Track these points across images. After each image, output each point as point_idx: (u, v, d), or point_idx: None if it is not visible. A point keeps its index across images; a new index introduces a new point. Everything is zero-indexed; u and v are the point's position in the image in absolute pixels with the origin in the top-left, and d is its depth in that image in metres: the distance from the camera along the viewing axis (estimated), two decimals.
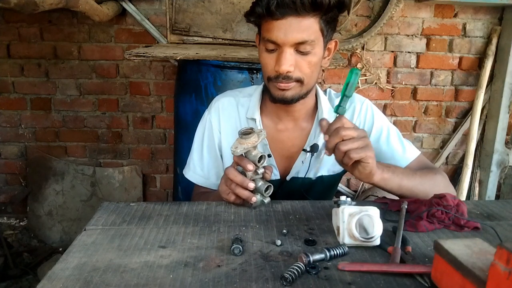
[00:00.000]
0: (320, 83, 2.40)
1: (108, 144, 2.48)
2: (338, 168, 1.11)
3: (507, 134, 2.43)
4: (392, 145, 1.08)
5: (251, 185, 0.87)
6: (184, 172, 1.15)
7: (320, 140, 1.06)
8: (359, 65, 2.38)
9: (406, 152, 1.07)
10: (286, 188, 1.10)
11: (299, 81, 0.94)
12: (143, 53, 1.62)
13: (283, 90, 0.95)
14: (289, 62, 0.90)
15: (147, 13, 2.24)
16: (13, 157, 2.49)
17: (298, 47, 0.90)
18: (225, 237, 0.79)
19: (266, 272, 0.66)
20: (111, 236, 0.79)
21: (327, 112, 1.06)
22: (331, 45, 1.00)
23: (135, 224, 0.84)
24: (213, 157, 1.12)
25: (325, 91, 1.14)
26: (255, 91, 1.10)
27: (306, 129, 1.08)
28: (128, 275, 0.66)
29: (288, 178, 1.10)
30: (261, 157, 0.88)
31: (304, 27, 0.88)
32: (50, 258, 2.24)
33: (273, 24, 0.89)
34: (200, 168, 1.13)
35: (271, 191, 0.91)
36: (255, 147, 0.89)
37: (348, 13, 2.09)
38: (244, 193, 0.89)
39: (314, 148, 1.04)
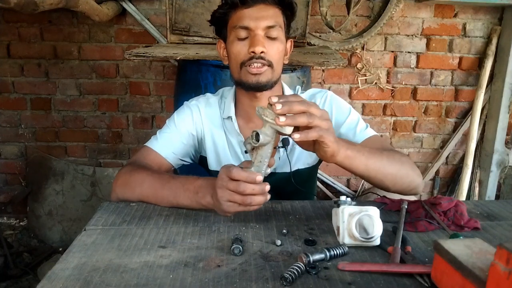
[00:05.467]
0: (320, 83, 2.41)
1: (108, 144, 2.48)
2: (313, 160, 1.15)
3: (507, 134, 2.43)
4: (350, 124, 1.08)
5: (260, 178, 0.76)
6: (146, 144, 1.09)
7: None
8: (359, 65, 2.38)
9: (363, 129, 1.07)
10: None
11: (271, 65, 0.99)
12: (143, 53, 1.62)
13: (256, 74, 0.99)
14: (262, 43, 0.97)
15: (147, 13, 2.24)
16: (13, 157, 2.49)
17: (268, 31, 0.98)
18: (225, 237, 0.79)
19: (266, 272, 0.66)
20: (111, 236, 0.79)
21: None
22: (288, 44, 1.08)
23: (135, 224, 0.84)
24: (183, 136, 1.10)
25: (293, 88, 1.19)
26: (229, 92, 1.14)
27: None
28: (128, 275, 0.66)
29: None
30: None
31: (271, 14, 0.99)
32: (50, 258, 2.24)
33: (245, 12, 0.98)
34: (168, 139, 1.08)
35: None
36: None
37: (348, 13, 2.09)
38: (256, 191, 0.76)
39: (285, 142, 1.05)
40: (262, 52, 0.97)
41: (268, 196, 0.78)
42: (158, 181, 0.92)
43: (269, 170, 0.79)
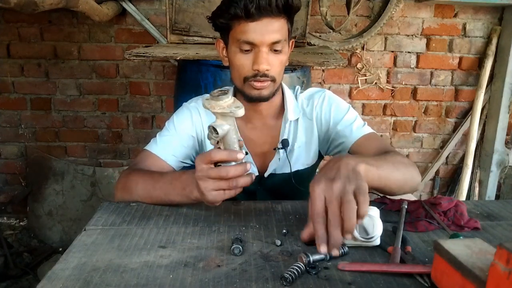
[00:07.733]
0: (320, 83, 2.41)
1: (108, 144, 2.48)
2: (312, 161, 1.15)
3: (507, 134, 2.43)
4: (347, 122, 1.07)
5: (241, 155, 0.75)
6: (145, 148, 1.08)
7: (290, 137, 1.08)
8: (359, 65, 2.38)
9: (360, 127, 1.06)
10: (266, 184, 1.13)
11: (273, 80, 0.99)
12: (143, 53, 1.62)
13: (259, 89, 0.98)
14: (267, 60, 0.95)
15: (147, 13, 2.24)
16: (13, 157, 2.49)
17: (273, 46, 0.95)
18: (225, 237, 0.79)
19: (266, 272, 0.66)
20: (111, 236, 0.79)
21: (292, 109, 1.09)
22: (290, 44, 1.06)
23: (135, 224, 0.84)
24: (183, 138, 1.09)
25: (293, 88, 1.18)
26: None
27: (275, 127, 1.11)
28: (128, 275, 0.66)
29: (266, 175, 1.12)
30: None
31: (277, 28, 0.94)
32: (50, 258, 2.24)
33: (249, 25, 0.93)
34: (168, 143, 1.06)
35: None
36: (236, 131, 0.79)
37: (348, 13, 2.09)
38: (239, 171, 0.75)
39: (284, 143, 1.06)
40: (266, 70, 0.96)
41: (253, 176, 0.77)
42: (150, 182, 0.92)
43: (244, 151, 0.78)
